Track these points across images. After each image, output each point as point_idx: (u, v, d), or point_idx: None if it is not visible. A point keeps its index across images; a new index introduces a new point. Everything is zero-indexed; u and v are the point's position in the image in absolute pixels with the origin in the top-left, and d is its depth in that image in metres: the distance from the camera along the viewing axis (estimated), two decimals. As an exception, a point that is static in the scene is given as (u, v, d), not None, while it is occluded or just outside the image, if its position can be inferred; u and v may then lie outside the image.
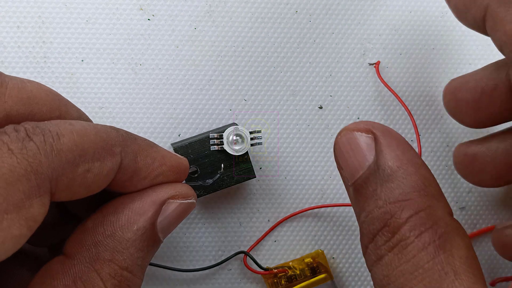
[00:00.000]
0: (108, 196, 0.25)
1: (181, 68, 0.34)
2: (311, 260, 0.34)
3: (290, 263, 0.34)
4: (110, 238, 0.23)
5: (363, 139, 0.24)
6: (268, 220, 0.35)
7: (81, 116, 0.26)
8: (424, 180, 0.23)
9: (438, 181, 0.23)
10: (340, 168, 0.25)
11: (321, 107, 0.35)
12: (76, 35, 0.33)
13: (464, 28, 0.36)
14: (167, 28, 0.34)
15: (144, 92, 0.33)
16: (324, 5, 0.35)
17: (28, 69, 0.32)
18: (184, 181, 0.28)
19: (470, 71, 0.37)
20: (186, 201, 0.26)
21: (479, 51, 0.37)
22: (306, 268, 0.34)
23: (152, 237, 0.24)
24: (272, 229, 0.34)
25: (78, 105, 0.28)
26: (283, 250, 0.35)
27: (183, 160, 0.27)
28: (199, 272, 0.34)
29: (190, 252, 0.34)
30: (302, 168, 0.35)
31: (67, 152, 0.20)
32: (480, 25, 0.24)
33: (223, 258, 0.34)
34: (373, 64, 0.33)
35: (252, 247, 0.34)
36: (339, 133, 0.26)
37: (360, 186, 0.24)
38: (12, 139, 0.19)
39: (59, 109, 0.24)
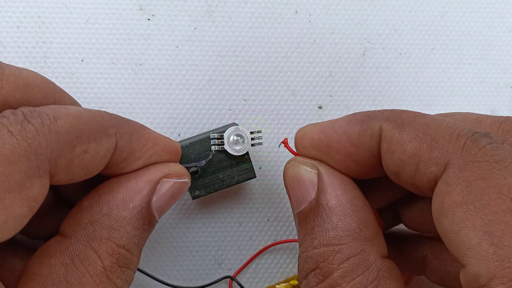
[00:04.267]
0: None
1: (181, 68, 0.34)
2: (297, 282, 0.34)
3: (277, 286, 0.34)
4: (106, 217, 0.23)
5: (308, 174, 0.25)
6: (268, 220, 0.35)
7: (75, 104, 0.27)
8: (360, 223, 0.23)
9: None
10: (288, 194, 0.26)
11: (320, 107, 0.35)
12: (76, 35, 0.33)
13: (464, 28, 0.37)
14: (167, 28, 0.34)
15: (144, 92, 0.33)
16: (324, 5, 0.35)
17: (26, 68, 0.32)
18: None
19: (470, 71, 0.37)
20: (180, 180, 0.26)
21: (479, 51, 0.37)
22: None
23: (148, 216, 0.24)
24: (258, 254, 0.34)
25: (78, 105, 0.28)
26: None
27: (175, 142, 0.28)
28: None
29: (190, 252, 0.34)
30: (302, 168, 0.35)
31: (64, 133, 0.21)
32: (375, 153, 0.24)
33: (222, 257, 0.34)
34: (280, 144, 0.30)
35: (238, 271, 0.34)
36: (288, 162, 0.27)
37: (302, 219, 0.25)
38: (11, 121, 0.20)
39: (53, 96, 0.25)
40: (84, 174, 0.22)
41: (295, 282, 0.34)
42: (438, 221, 0.21)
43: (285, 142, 0.29)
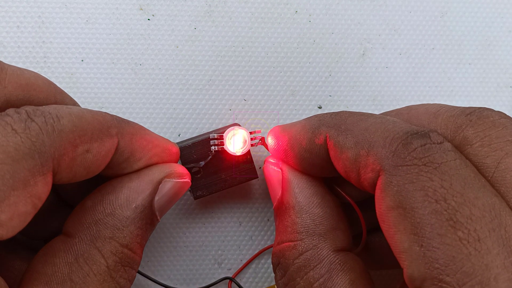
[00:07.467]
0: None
1: (181, 68, 0.34)
2: None
3: (276, 287, 0.34)
4: (110, 217, 0.23)
5: (275, 174, 0.27)
6: (268, 220, 0.35)
7: (75, 105, 0.27)
8: (315, 219, 0.25)
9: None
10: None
11: (320, 107, 0.35)
12: (76, 35, 0.33)
13: (464, 28, 0.37)
14: (167, 28, 0.34)
15: (144, 92, 0.33)
16: (324, 5, 0.35)
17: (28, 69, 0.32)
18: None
19: (470, 71, 0.37)
20: (181, 180, 0.27)
21: (478, 51, 0.37)
22: None
23: (150, 216, 0.25)
24: (258, 254, 0.34)
25: (79, 105, 0.28)
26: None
27: (174, 144, 0.29)
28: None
29: (190, 252, 0.34)
30: (302, 168, 0.35)
31: (68, 132, 0.21)
32: (326, 158, 0.25)
33: (222, 257, 0.34)
34: (257, 142, 0.31)
35: (238, 272, 0.34)
36: (264, 162, 0.29)
37: (274, 215, 0.27)
38: (15, 120, 0.20)
39: (55, 96, 0.25)
40: (85, 173, 0.23)
41: None
42: (380, 226, 0.21)
43: (262, 140, 0.30)
